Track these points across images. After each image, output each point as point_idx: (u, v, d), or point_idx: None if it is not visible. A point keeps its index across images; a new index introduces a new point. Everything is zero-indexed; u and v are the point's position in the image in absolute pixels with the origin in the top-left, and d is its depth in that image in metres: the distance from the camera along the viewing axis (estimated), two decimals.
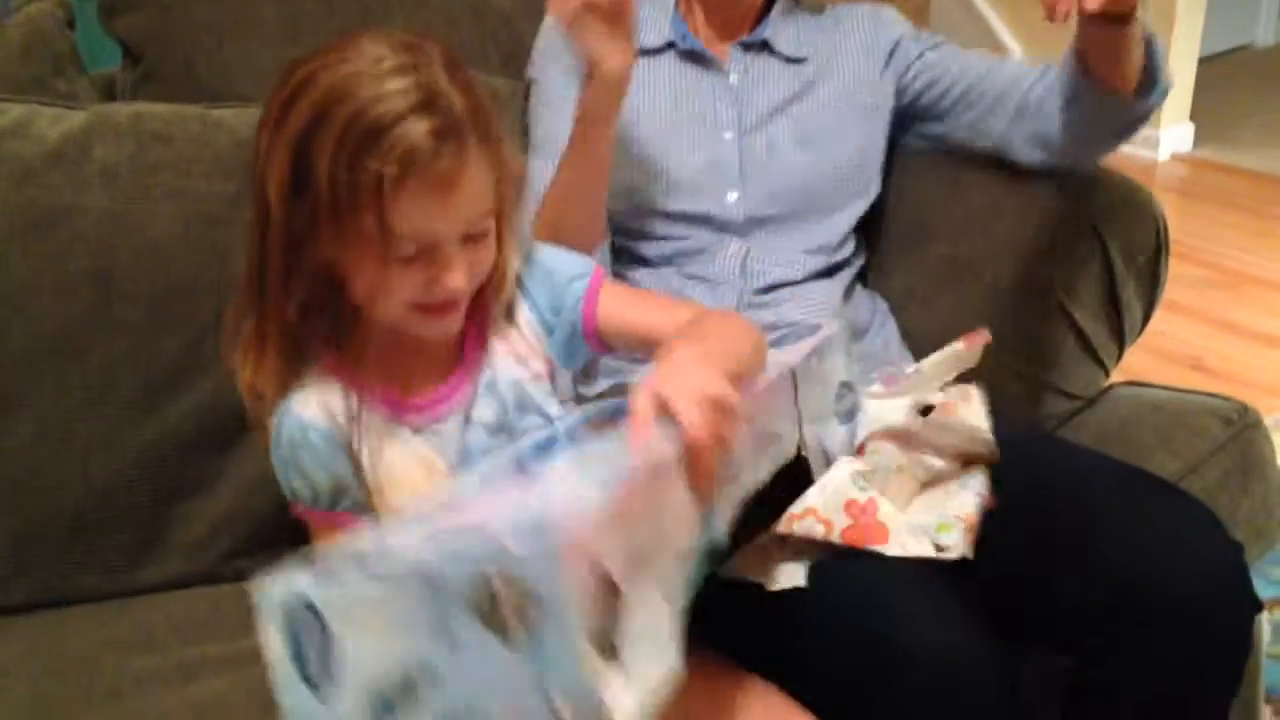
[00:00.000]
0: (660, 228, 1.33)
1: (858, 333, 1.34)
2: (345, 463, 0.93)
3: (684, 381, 0.81)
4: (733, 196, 1.33)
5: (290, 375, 0.94)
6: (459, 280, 0.89)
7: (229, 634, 1.11)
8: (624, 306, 1.01)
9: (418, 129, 0.84)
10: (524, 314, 1.00)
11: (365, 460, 0.93)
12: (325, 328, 0.93)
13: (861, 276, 1.42)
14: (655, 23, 1.38)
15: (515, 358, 0.99)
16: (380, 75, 0.85)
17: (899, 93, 1.41)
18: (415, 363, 0.96)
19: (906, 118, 1.43)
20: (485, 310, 0.97)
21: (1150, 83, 1.23)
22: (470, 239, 0.90)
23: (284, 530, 1.22)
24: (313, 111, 0.85)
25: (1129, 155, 1.45)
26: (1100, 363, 1.37)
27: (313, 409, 0.92)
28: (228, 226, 1.19)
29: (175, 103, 1.27)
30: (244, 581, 1.18)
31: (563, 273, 1.01)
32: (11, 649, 1.09)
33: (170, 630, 1.12)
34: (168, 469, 1.18)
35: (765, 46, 1.38)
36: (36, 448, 1.12)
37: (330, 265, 0.90)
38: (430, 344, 0.96)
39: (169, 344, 1.17)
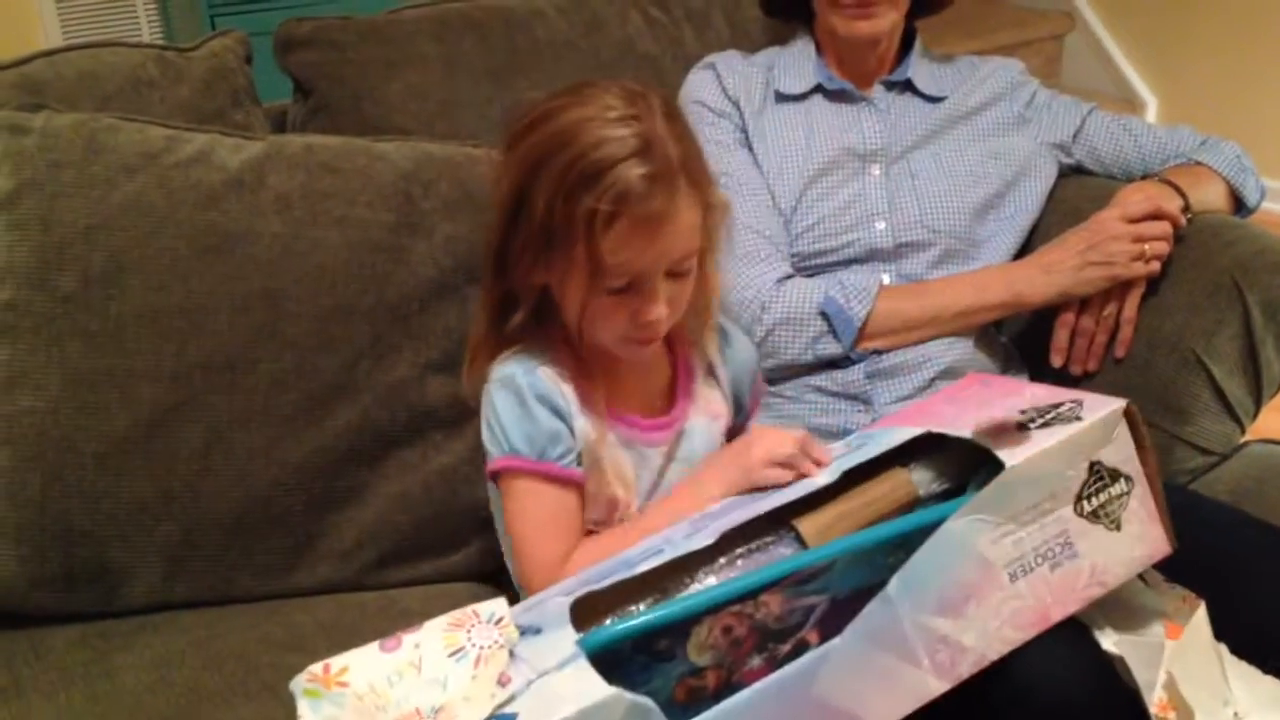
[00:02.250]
0: (812, 258, 1.37)
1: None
2: (563, 421, 1.01)
3: None
4: (881, 225, 1.36)
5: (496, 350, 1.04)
6: (660, 312, 0.96)
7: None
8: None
9: (634, 173, 0.91)
10: (723, 381, 1.12)
11: (578, 432, 1.01)
12: (559, 331, 1.02)
13: (998, 323, 1.43)
14: (798, 69, 1.43)
15: (710, 415, 1.10)
16: (607, 122, 0.92)
17: (1049, 157, 1.47)
18: (633, 388, 1.06)
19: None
20: (690, 353, 1.09)
21: (1238, 205, 1.41)
22: (674, 275, 0.96)
23: (423, 546, 1.29)
24: (541, 148, 0.93)
25: (1263, 210, 1.46)
26: (1236, 419, 1.36)
27: (545, 375, 1.01)
28: (386, 253, 1.24)
29: (342, 135, 1.34)
30: (387, 590, 1.26)
31: (749, 366, 1.15)
32: (175, 643, 1.14)
33: (319, 632, 1.16)
34: (321, 480, 1.22)
35: (908, 85, 1.43)
36: (206, 455, 1.17)
37: (543, 288, 0.99)
38: (645, 375, 1.06)
39: (328, 363, 1.22)
